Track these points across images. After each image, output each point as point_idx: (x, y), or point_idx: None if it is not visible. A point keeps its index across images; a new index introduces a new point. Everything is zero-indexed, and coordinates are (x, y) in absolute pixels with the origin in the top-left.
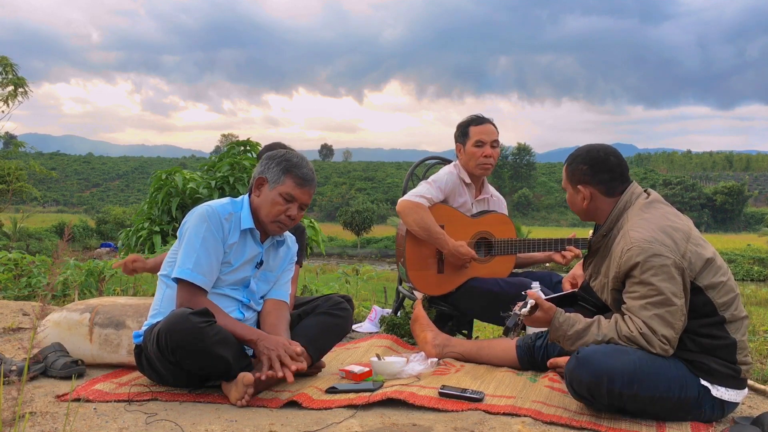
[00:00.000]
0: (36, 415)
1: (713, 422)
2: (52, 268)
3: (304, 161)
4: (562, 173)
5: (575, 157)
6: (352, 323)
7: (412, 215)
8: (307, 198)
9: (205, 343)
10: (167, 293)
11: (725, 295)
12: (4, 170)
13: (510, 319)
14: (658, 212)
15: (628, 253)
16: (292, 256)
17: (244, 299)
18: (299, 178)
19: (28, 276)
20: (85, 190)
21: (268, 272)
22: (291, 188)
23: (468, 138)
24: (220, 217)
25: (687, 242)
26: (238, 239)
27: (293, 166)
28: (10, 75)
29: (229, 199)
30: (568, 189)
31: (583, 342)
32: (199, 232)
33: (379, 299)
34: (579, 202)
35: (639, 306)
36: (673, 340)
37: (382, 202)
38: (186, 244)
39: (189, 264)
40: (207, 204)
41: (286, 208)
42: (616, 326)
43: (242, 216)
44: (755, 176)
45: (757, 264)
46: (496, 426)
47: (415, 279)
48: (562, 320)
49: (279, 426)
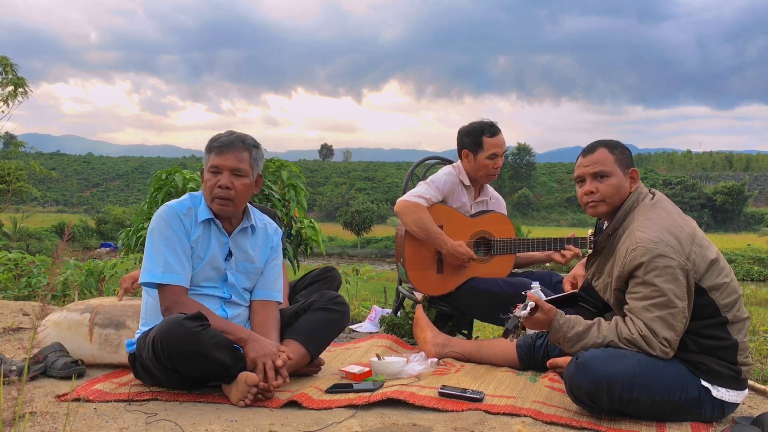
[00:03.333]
0: (36, 415)
1: (713, 422)
2: (52, 268)
3: (228, 132)
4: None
5: (618, 143)
6: (349, 317)
7: (411, 215)
8: (232, 162)
9: (202, 347)
10: (149, 302)
11: (728, 297)
12: (4, 170)
13: (510, 321)
14: (664, 213)
15: (633, 253)
16: (276, 246)
17: (225, 295)
18: (216, 147)
19: (28, 276)
20: (85, 190)
21: (247, 263)
22: (213, 159)
23: (482, 149)
24: (178, 214)
25: (692, 244)
26: (202, 232)
27: (212, 141)
28: (10, 75)
29: (189, 194)
30: (619, 173)
31: (583, 344)
32: (161, 233)
33: (379, 299)
34: (626, 187)
35: (641, 307)
36: (674, 342)
37: (382, 202)
38: (151, 248)
39: (159, 267)
40: (165, 204)
41: (216, 180)
42: (616, 328)
43: (200, 209)
44: (755, 176)
45: (757, 264)
46: (496, 426)
47: (415, 279)
48: (562, 322)
49: (279, 426)
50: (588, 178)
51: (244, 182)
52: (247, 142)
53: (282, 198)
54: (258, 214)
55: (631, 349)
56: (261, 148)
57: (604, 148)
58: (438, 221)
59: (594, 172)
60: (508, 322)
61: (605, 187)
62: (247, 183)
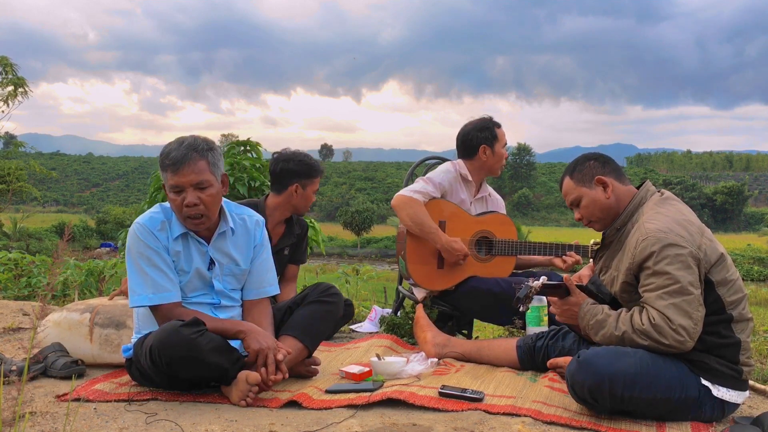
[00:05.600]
0: (36, 415)
1: (713, 422)
2: (52, 268)
3: (176, 143)
4: (564, 186)
5: (577, 162)
6: (343, 308)
7: (406, 210)
8: (191, 177)
9: (200, 353)
10: (141, 310)
11: (734, 294)
12: (4, 170)
13: (522, 290)
14: (673, 208)
15: (644, 243)
16: (260, 242)
17: (215, 300)
18: (171, 165)
19: (28, 276)
20: (85, 190)
21: (232, 265)
22: (171, 179)
23: (497, 140)
24: (151, 232)
25: (702, 236)
26: (181, 247)
27: (164, 158)
28: (10, 75)
29: (160, 205)
30: (586, 192)
31: (603, 333)
32: (141, 253)
33: (379, 299)
34: (602, 197)
35: (655, 296)
36: (693, 331)
37: (382, 202)
38: (134, 270)
39: (149, 290)
40: (135, 221)
41: (181, 199)
42: (631, 319)
43: (173, 223)
44: (755, 176)
45: (757, 264)
46: (496, 426)
47: (415, 273)
48: (587, 309)
49: (279, 426)
50: (572, 207)
51: (211, 192)
52: (199, 149)
53: None
54: (235, 210)
55: (643, 341)
56: (216, 147)
57: (566, 177)
58: (441, 217)
59: (570, 203)
60: (520, 291)
61: (583, 210)
62: (213, 192)
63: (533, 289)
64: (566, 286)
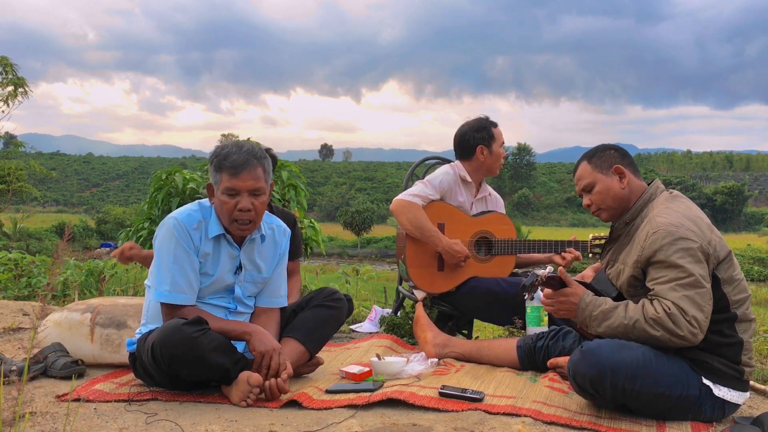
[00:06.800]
0: (36, 415)
1: (713, 422)
2: (52, 268)
3: (236, 147)
4: (580, 170)
5: (597, 149)
6: (347, 313)
7: (405, 214)
8: (250, 183)
9: (201, 352)
10: (152, 304)
11: (739, 293)
12: (4, 170)
13: (528, 278)
14: (683, 204)
15: (654, 236)
16: (284, 252)
17: (231, 305)
18: (230, 168)
19: (28, 276)
20: (85, 190)
21: (255, 272)
22: (228, 181)
23: (494, 140)
24: (187, 229)
25: (711, 233)
26: (212, 248)
27: (223, 159)
28: (10, 75)
29: (198, 203)
30: (601, 179)
31: (608, 324)
32: (170, 249)
33: (379, 299)
34: (617, 186)
35: (668, 288)
36: (704, 324)
37: (382, 202)
38: (159, 264)
39: (166, 285)
40: (173, 216)
41: (234, 203)
42: (642, 308)
43: (210, 223)
44: (755, 176)
45: (757, 264)
46: (496, 426)
47: (416, 276)
48: (589, 300)
49: (279, 426)
50: (582, 193)
51: (263, 200)
52: (258, 156)
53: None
54: (266, 219)
55: (655, 331)
56: (268, 156)
57: (583, 161)
58: (439, 219)
59: (582, 188)
60: (526, 279)
61: (594, 196)
62: (265, 200)
63: (540, 277)
64: (560, 278)
